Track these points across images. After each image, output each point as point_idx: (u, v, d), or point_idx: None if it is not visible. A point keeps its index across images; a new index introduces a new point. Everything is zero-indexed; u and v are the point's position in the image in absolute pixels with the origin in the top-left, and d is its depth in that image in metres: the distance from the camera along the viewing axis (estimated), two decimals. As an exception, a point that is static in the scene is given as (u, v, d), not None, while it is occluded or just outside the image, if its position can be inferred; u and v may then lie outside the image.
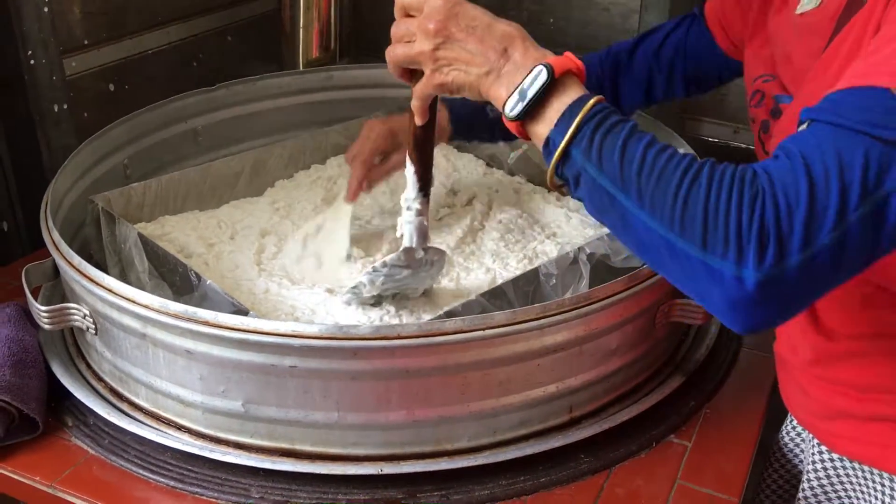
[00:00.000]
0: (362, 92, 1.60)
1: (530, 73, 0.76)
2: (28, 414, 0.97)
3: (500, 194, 1.38)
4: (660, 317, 1.01)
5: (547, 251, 1.21)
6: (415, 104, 0.90)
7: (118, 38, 1.58)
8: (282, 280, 1.13)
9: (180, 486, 0.93)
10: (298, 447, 0.94)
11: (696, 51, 1.18)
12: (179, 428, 0.98)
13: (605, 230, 1.22)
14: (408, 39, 0.83)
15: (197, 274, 1.04)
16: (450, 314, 0.97)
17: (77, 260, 0.98)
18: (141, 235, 1.12)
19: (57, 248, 1.02)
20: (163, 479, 0.93)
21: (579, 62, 0.78)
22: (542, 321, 0.90)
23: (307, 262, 1.18)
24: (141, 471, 0.95)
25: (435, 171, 1.39)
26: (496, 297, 1.03)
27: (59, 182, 1.16)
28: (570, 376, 0.96)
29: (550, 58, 0.78)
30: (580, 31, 1.81)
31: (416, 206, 0.99)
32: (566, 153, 0.74)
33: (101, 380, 1.05)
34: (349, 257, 1.17)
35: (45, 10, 1.33)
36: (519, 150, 1.42)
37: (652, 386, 1.05)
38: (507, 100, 0.78)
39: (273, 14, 1.82)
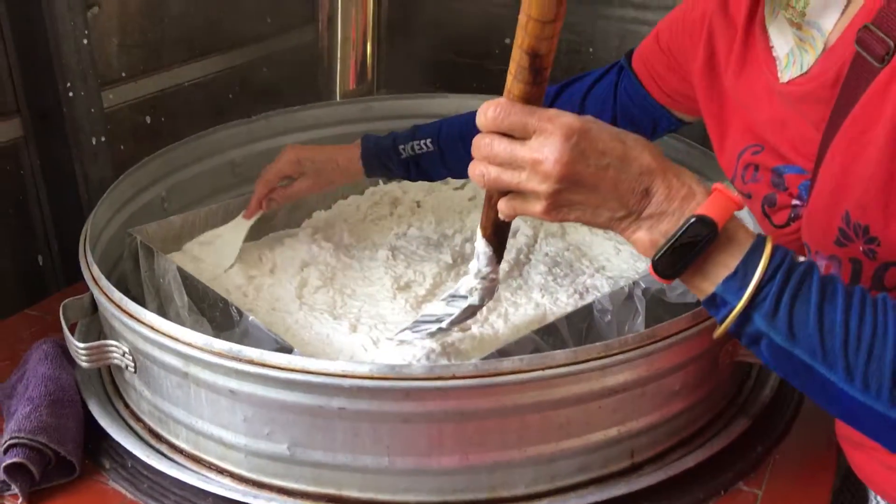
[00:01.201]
0: (399, 122, 1.56)
1: (685, 225, 0.67)
2: (64, 456, 0.93)
3: (544, 226, 1.35)
4: (724, 356, 0.96)
5: (597, 285, 1.17)
6: (506, 213, 0.76)
7: (155, 71, 1.57)
8: (323, 314, 1.10)
9: (222, 533, 0.88)
10: (346, 493, 0.89)
11: (626, 101, 1.13)
12: (221, 472, 0.93)
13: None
14: (512, 167, 0.71)
15: (238, 309, 1.01)
16: (502, 353, 0.93)
17: (117, 295, 0.95)
18: (180, 269, 1.09)
19: (96, 283, 0.99)
20: (203, 526, 0.89)
21: (737, 198, 0.68)
22: (605, 360, 0.85)
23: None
24: (181, 517, 0.90)
25: (478, 208, 1.38)
26: (549, 333, 0.99)
27: (98, 215, 1.14)
28: (631, 419, 0.91)
29: (703, 201, 0.68)
30: (620, 61, 1.78)
31: (492, 276, 0.93)
32: (744, 315, 0.67)
33: (139, 420, 1.01)
34: (229, 268, 1.21)
35: (85, 42, 1.32)
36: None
37: (716, 429, 1.00)
38: (652, 249, 0.69)
39: (310, 46, 1.81)
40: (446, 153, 1.20)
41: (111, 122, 1.45)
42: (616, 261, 1.25)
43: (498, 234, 0.88)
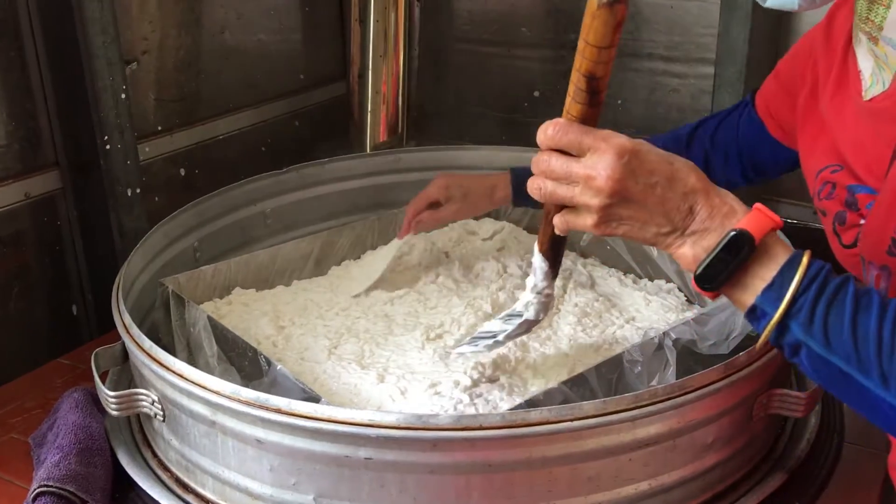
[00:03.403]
0: (430, 174, 1.57)
1: (725, 238, 0.71)
2: (92, 505, 0.93)
3: (574, 277, 1.34)
4: (758, 408, 0.94)
5: (627, 336, 1.15)
6: (560, 227, 0.80)
7: (190, 124, 1.61)
8: (350, 364, 1.10)
9: (246, 586, 0.87)
10: (372, 545, 0.88)
11: (749, 138, 1.16)
12: (247, 522, 0.93)
13: (690, 314, 1.18)
14: (567, 181, 0.76)
15: (267, 359, 1.01)
16: (530, 403, 0.92)
17: (148, 344, 0.96)
18: (210, 318, 1.10)
19: (128, 331, 1.00)
20: (228, 578, 0.88)
21: (776, 217, 0.72)
22: (635, 412, 0.84)
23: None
24: (206, 568, 0.90)
25: (507, 256, 1.38)
26: (578, 385, 0.97)
27: (131, 265, 1.15)
28: (663, 472, 0.89)
29: (743, 217, 0.72)
30: (648, 113, 1.79)
31: (547, 290, 0.98)
32: (781, 325, 0.70)
33: (167, 469, 1.01)
34: (360, 293, 1.28)
35: (123, 96, 1.36)
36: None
37: (751, 484, 0.97)
38: (695, 263, 0.73)
39: (341, 99, 1.84)
40: None
41: (146, 174, 1.48)
42: (646, 311, 1.23)
43: (554, 249, 0.93)
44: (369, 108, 1.74)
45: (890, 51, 0.82)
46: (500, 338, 1.03)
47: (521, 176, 1.30)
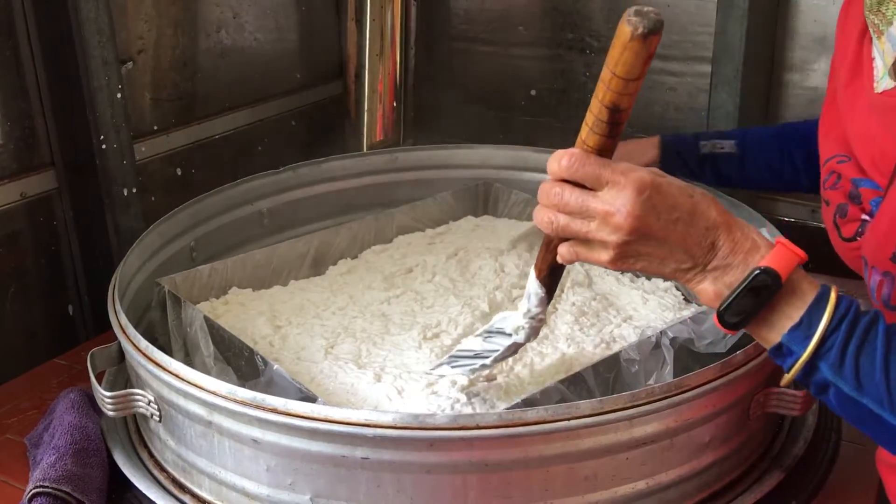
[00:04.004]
0: (427, 173, 1.59)
1: (749, 276, 0.69)
2: (88, 505, 0.93)
3: (571, 275, 1.34)
4: (755, 407, 0.94)
5: (625, 335, 1.15)
6: (566, 258, 0.78)
7: (187, 124, 1.61)
8: (347, 364, 1.09)
9: (243, 586, 0.87)
10: (369, 545, 0.88)
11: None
12: (243, 523, 0.92)
13: (687, 313, 1.18)
14: (581, 217, 0.72)
15: (263, 358, 1.01)
16: (528, 402, 0.92)
17: (144, 344, 0.96)
18: (207, 318, 1.10)
19: (123, 332, 1.00)
20: (225, 579, 0.88)
21: (800, 251, 0.70)
22: (632, 411, 0.84)
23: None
24: (202, 569, 0.90)
25: (506, 255, 1.37)
26: (575, 384, 0.97)
27: (127, 265, 1.15)
28: (660, 471, 0.89)
29: (766, 253, 0.70)
30: (645, 111, 1.79)
31: (540, 316, 0.93)
32: (810, 364, 0.68)
33: (163, 470, 1.01)
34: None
35: (119, 96, 1.36)
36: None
37: (747, 483, 0.97)
38: (717, 300, 0.71)
39: (338, 98, 1.84)
40: (747, 158, 1.22)
41: (143, 174, 1.48)
42: (643, 310, 1.23)
43: (552, 277, 0.89)
44: (366, 108, 1.74)
45: (888, 48, 0.81)
46: (489, 361, 0.98)
47: (669, 142, 1.27)
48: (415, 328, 1.18)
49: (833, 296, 0.69)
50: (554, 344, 1.14)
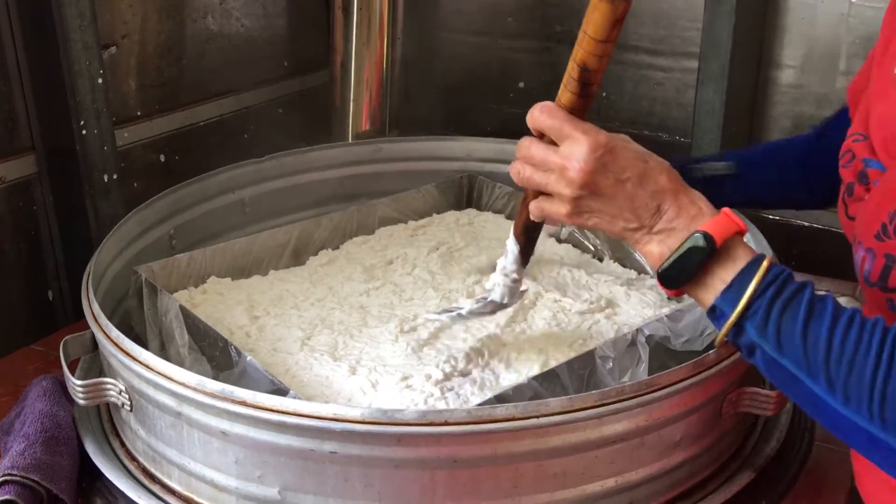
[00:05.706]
0: (411, 165, 1.58)
1: (688, 240, 0.74)
2: (57, 494, 0.93)
3: (553, 273, 1.33)
4: (727, 407, 0.94)
5: (602, 331, 1.15)
6: (534, 213, 0.84)
7: (171, 110, 1.60)
8: (323, 356, 1.09)
9: (210, 577, 0.87)
10: (336, 539, 0.87)
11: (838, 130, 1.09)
12: (212, 514, 0.92)
13: (665, 310, 1.17)
14: (543, 169, 0.79)
15: (237, 349, 1.01)
16: (500, 398, 0.92)
17: (115, 333, 0.95)
18: (182, 308, 1.09)
19: (95, 320, 0.99)
20: (192, 570, 0.88)
21: (740, 222, 0.74)
22: (601, 409, 0.84)
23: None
24: (170, 559, 0.89)
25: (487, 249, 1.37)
26: (550, 380, 0.97)
27: (103, 252, 1.14)
28: (629, 470, 0.89)
29: (708, 220, 0.74)
30: (632, 106, 1.79)
31: (514, 275, 0.99)
32: (738, 326, 0.72)
33: (134, 459, 1.00)
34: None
35: (100, 81, 1.35)
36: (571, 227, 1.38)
37: (718, 482, 0.97)
38: (660, 261, 0.76)
39: (323, 87, 1.83)
40: (744, 178, 1.17)
41: (125, 161, 1.47)
42: (625, 306, 1.23)
43: (527, 234, 0.94)
44: (351, 97, 1.72)
45: None
46: (464, 311, 1.03)
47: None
48: (392, 321, 1.17)
49: (765, 263, 0.72)
50: (531, 339, 1.13)
